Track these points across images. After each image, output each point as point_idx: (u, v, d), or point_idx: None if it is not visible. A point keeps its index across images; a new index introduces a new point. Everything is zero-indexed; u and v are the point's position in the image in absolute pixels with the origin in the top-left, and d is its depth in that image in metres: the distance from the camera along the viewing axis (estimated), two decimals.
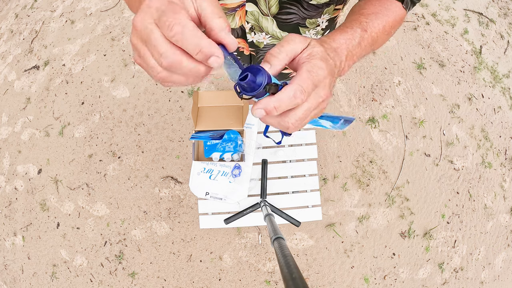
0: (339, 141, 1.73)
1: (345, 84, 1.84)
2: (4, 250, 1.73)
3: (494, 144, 1.80)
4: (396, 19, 0.46)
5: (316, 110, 0.30)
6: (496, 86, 1.90)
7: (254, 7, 0.52)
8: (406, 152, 1.73)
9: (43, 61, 2.02)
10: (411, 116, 1.79)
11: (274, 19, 0.54)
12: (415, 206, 1.66)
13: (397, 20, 0.46)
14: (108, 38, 2.00)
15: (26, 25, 2.19)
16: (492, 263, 1.64)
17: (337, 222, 1.62)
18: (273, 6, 0.51)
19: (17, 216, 1.75)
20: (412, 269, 1.59)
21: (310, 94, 0.28)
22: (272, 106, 0.26)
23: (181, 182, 1.68)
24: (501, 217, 1.70)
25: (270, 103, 0.26)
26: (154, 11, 0.23)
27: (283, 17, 0.53)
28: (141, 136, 1.77)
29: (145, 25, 0.23)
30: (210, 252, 1.59)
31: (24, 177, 1.80)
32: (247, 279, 1.56)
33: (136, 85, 1.86)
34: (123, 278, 1.59)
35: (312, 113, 0.30)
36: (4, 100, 2.00)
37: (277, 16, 0.53)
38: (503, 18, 2.10)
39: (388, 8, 0.45)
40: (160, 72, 0.24)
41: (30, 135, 1.86)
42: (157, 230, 1.63)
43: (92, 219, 1.68)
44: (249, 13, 0.54)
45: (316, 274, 1.56)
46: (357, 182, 1.67)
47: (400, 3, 0.48)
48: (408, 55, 1.92)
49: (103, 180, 1.72)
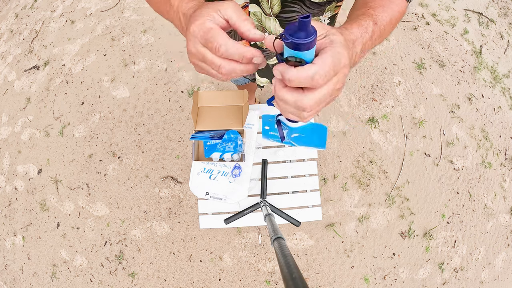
0: (339, 141, 1.73)
1: (345, 84, 1.84)
2: (4, 250, 1.74)
3: (494, 144, 1.80)
4: (400, 11, 0.47)
5: (331, 97, 0.31)
6: (496, 86, 1.90)
7: (257, 8, 0.53)
8: (406, 152, 1.73)
9: (43, 61, 2.02)
10: (411, 116, 1.79)
11: (277, 18, 0.55)
12: (415, 206, 1.66)
13: (400, 12, 0.47)
14: (108, 38, 2.00)
15: (26, 25, 2.19)
16: (492, 263, 1.64)
17: (337, 222, 1.62)
18: (276, 5, 0.51)
19: (17, 216, 1.75)
20: (412, 269, 1.59)
21: (330, 79, 0.29)
22: (290, 75, 0.27)
23: (181, 182, 1.68)
24: (501, 217, 1.70)
25: (289, 71, 0.27)
26: (200, 39, 0.31)
27: (285, 15, 0.54)
28: (141, 136, 1.77)
29: (197, 49, 0.31)
30: (210, 252, 1.59)
31: (24, 177, 1.80)
32: (247, 279, 1.56)
33: (136, 85, 1.86)
34: (123, 278, 1.59)
35: (328, 99, 0.31)
36: (4, 100, 2.00)
37: (279, 15, 0.54)
38: (503, 18, 2.10)
39: (392, 0, 0.46)
40: (222, 77, 0.33)
41: (30, 135, 1.86)
42: (157, 230, 1.63)
43: (92, 219, 1.68)
44: (252, 14, 0.54)
45: (316, 274, 1.56)
46: (357, 182, 1.67)
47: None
48: (408, 55, 1.92)
49: (103, 180, 1.72)
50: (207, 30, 0.30)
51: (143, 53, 1.94)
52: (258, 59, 0.31)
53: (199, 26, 0.30)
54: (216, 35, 0.30)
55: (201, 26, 0.30)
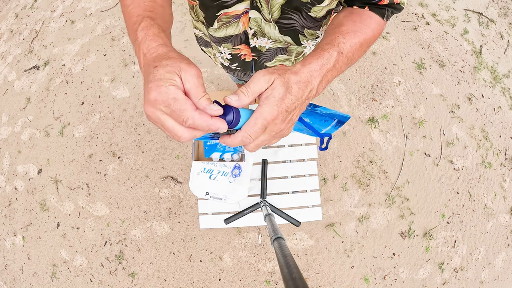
0: (339, 141, 1.73)
1: (345, 84, 1.84)
2: (4, 250, 1.74)
3: (494, 144, 1.80)
4: (374, 34, 0.47)
5: (275, 139, 0.37)
6: (496, 86, 1.90)
7: (257, 14, 0.53)
8: (406, 152, 1.73)
9: (43, 61, 2.02)
10: (411, 116, 1.79)
11: (276, 24, 0.55)
12: (415, 206, 1.66)
13: (375, 35, 0.47)
14: (108, 38, 2.00)
15: (26, 25, 2.19)
16: (492, 263, 1.64)
17: (337, 222, 1.62)
18: (275, 12, 0.52)
19: (17, 216, 1.75)
20: (412, 269, 1.59)
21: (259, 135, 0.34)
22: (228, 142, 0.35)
23: (181, 182, 1.68)
24: (501, 217, 1.70)
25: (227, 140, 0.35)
26: (162, 107, 0.29)
27: (285, 21, 0.54)
28: (141, 136, 1.77)
29: (157, 115, 0.30)
30: (210, 252, 1.59)
31: (24, 177, 1.80)
32: (247, 279, 1.56)
33: (136, 85, 1.86)
34: (123, 278, 1.59)
35: (272, 142, 0.37)
36: (4, 100, 2.00)
37: (279, 20, 0.54)
38: (503, 18, 2.10)
39: (368, 25, 0.46)
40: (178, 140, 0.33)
41: (30, 135, 1.86)
42: (157, 230, 1.63)
43: (92, 219, 1.68)
44: (252, 20, 0.55)
45: (316, 274, 1.56)
46: (357, 182, 1.67)
47: (380, 18, 0.48)
48: (408, 55, 1.92)
49: (103, 180, 1.72)
50: (172, 101, 0.29)
51: None
52: (223, 129, 0.32)
53: (162, 94, 0.29)
54: (182, 107, 0.29)
55: (165, 95, 0.29)
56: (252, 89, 0.33)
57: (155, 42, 0.35)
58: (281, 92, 0.33)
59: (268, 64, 0.71)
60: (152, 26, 0.37)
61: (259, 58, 0.68)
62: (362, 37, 0.44)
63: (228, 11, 0.53)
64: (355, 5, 0.49)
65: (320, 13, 0.52)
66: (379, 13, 0.48)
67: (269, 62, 0.71)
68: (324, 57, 0.38)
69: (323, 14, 0.53)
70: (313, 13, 0.52)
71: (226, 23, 0.57)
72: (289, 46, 0.63)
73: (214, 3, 0.52)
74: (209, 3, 0.53)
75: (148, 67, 0.32)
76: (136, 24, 0.39)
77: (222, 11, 0.53)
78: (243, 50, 0.66)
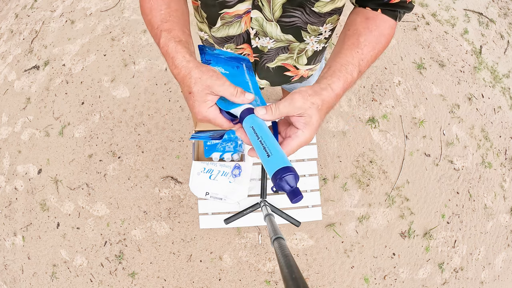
0: (339, 141, 1.73)
1: None
2: (4, 250, 1.74)
3: (494, 144, 1.80)
4: (388, 41, 0.50)
5: None
6: (496, 86, 1.90)
7: (259, 14, 0.53)
8: (406, 152, 1.73)
9: (43, 61, 2.02)
10: (411, 116, 1.79)
11: (278, 23, 0.55)
12: (415, 206, 1.66)
13: (388, 42, 0.50)
14: (108, 38, 2.00)
15: (26, 25, 2.19)
16: (492, 263, 1.64)
17: (337, 222, 1.62)
18: (277, 11, 0.52)
19: (17, 216, 1.75)
20: (412, 269, 1.59)
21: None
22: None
23: (181, 182, 1.68)
24: (501, 217, 1.70)
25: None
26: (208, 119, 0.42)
27: (286, 20, 0.54)
28: (141, 136, 1.77)
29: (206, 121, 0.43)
30: (210, 252, 1.59)
31: (24, 177, 1.80)
32: (247, 279, 1.56)
33: (136, 85, 1.86)
34: (123, 278, 1.59)
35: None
36: (4, 100, 2.00)
37: (280, 19, 0.54)
38: (503, 18, 2.10)
39: (383, 33, 0.48)
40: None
41: (30, 135, 1.86)
42: (157, 230, 1.63)
43: (92, 219, 1.68)
44: (253, 19, 0.55)
45: (316, 274, 1.57)
46: (357, 182, 1.67)
47: (394, 20, 0.50)
48: (408, 55, 1.92)
49: (103, 180, 1.72)
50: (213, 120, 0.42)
51: (143, 53, 1.94)
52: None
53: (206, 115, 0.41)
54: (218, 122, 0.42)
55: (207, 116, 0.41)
56: (281, 110, 0.38)
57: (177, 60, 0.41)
58: (318, 119, 0.39)
59: (270, 65, 0.71)
60: (169, 40, 0.43)
61: (261, 59, 0.68)
62: (378, 48, 0.47)
63: (230, 11, 0.53)
64: (368, 7, 0.49)
65: (324, 9, 0.52)
66: (392, 15, 0.49)
67: (270, 63, 0.71)
68: (347, 80, 0.43)
69: (327, 10, 0.52)
70: (317, 8, 0.51)
71: (228, 22, 0.57)
72: (291, 44, 0.63)
73: (216, 1, 0.52)
74: (210, 2, 0.53)
75: (183, 86, 0.41)
76: (156, 37, 0.45)
77: (223, 10, 0.53)
78: (246, 50, 0.65)
